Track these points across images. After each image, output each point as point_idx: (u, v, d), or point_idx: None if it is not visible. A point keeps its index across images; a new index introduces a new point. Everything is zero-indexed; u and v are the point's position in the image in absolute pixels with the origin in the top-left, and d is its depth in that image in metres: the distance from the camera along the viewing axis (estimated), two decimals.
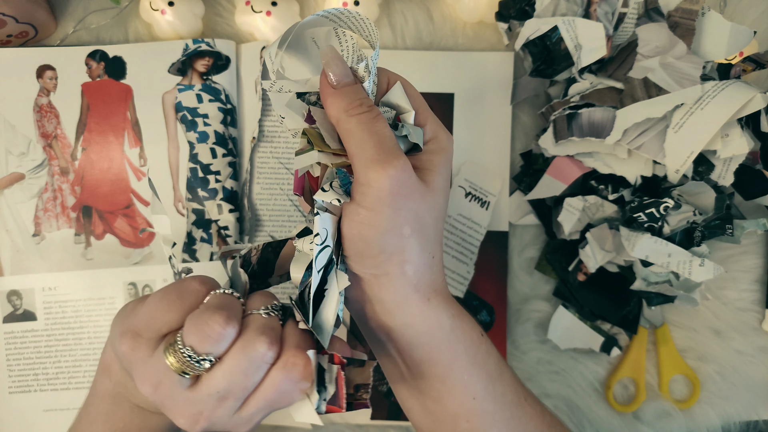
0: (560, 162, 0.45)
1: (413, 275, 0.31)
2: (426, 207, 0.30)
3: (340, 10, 0.30)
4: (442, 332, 0.32)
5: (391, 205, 0.28)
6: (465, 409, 0.32)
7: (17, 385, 0.48)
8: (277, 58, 0.30)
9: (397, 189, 0.28)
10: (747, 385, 0.49)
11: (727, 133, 0.40)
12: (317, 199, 0.29)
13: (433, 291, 0.32)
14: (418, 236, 0.30)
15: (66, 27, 0.51)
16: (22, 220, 0.48)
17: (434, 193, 0.30)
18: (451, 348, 0.32)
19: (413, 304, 0.31)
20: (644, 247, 0.41)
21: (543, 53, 0.45)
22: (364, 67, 0.30)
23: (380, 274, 0.30)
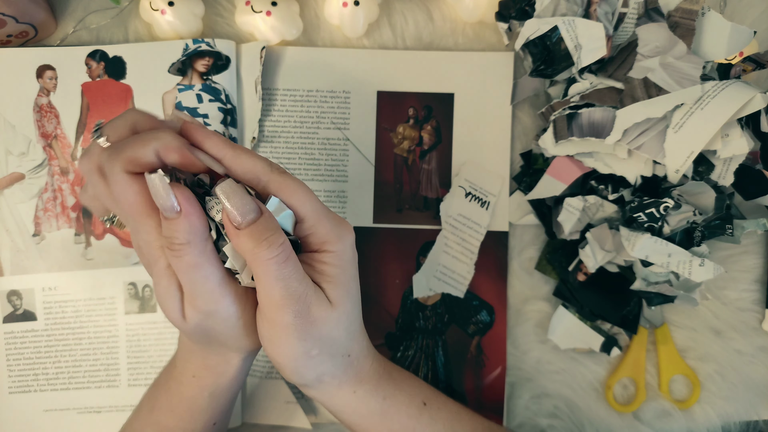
0: (560, 162, 0.45)
1: (331, 380, 0.34)
2: (332, 325, 0.32)
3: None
4: (373, 415, 0.36)
5: (297, 336, 0.30)
6: None
7: (17, 385, 0.48)
8: None
9: (300, 324, 0.30)
10: (747, 385, 0.49)
11: (727, 133, 0.40)
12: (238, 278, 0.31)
13: (357, 383, 0.35)
14: (327, 350, 0.32)
15: (66, 27, 0.51)
16: (22, 220, 0.48)
17: (338, 307, 0.32)
18: (386, 426, 0.36)
19: (339, 398, 0.35)
20: (644, 247, 0.41)
21: (543, 53, 0.45)
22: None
23: (300, 384, 0.34)
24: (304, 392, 0.36)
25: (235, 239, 0.29)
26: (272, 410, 0.48)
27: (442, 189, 0.49)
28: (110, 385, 0.48)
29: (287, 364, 0.32)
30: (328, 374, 0.34)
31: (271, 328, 0.31)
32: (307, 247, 0.32)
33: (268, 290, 0.29)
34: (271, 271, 0.29)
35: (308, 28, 0.50)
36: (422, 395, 0.38)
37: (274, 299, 0.29)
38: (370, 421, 0.36)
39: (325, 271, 0.32)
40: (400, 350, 0.49)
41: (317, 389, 0.35)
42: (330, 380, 0.34)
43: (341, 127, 0.50)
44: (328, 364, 0.33)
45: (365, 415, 0.36)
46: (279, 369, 0.33)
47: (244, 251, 0.29)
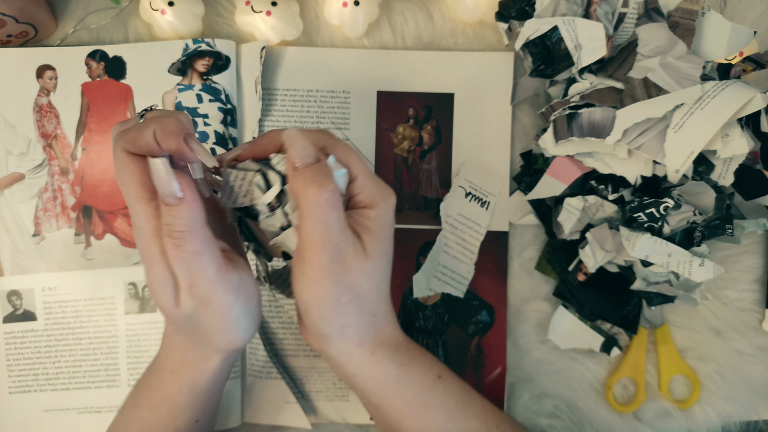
0: (560, 162, 0.45)
1: (354, 334, 0.34)
2: (364, 276, 0.33)
3: None
4: (389, 381, 0.35)
5: (330, 279, 0.32)
6: None
7: (17, 385, 0.48)
8: None
9: (335, 268, 0.31)
10: (747, 385, 0.49)
11: (727, 133, 0.40)
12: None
13: (377, 345, 0.35)
14: (356, 301, 0.33)
15: (66, 27, 0.51)
16: (22, 220, 0.48)
17: (373, 260, 0.33)
18: (400, 394, 0.36)
19: (358, 358, 0.35)
20: (644, 247, 0.41)
21: (543, 53, 0.45)
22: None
23: (323, 335, 0.34)
24: (323, 352, 0.35)
25: (293, 180, 0.31)
26: (272, 410, 0.48)
27: (442, 189, 0.49)
28: (110, 385, 0.48)
29: (317, 306, 0.33)
30: (353, 327, 0.34)
31: (307, 268, 0.32)
32: (354, 206, 0.34)
33: (309, 230, 0.31)
34: (318, 212, 0.30)
35: (308, 28, 0.50)
36: (437, 369, 0.37)
37: (313, 240, 0.31)
38: (384, 387, 0.35)
39: (366, 225, 0.33)
40: None
41: (337, 345, 0.34)
42: (352, 335, 0.34)
43: (341, 127, 0.50)
44: (354, 316, 0.34)
45: (381, 380, 0.35)
46: (306, 314, 0.33)
47: (297, 190, 0.31)
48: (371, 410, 0.38)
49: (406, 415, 0.36)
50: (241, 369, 0.48)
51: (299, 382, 0.49)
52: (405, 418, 0.36)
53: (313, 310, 0.33)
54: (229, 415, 0.48)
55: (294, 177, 0.31)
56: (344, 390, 0.49)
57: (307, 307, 0.33)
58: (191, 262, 0.30)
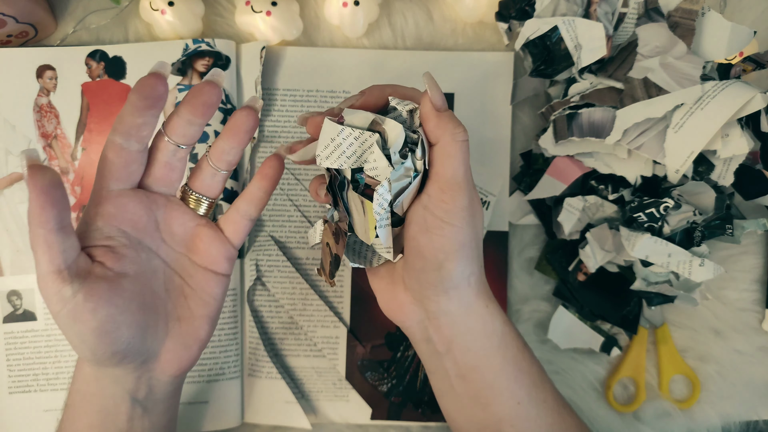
0: (560, 162, 0.45)
1: (475, 284, 0.34)
2: (482, 223, 0.34)
3: None
4: (495, 337, 0.34)
5: (469, 222, 0.32)
6: (510, 414, 0.34)
7: (17, 385, 0.48)
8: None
9: (471, 209, 0.32)
10: (747, 385, 0.49)
11: (727, 133, 0.40)
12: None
13: (488, 298, 0.35)
14: (478, 248, 0.33)
15: (66, 27, 0.51)
16: (22, 220, 0.48)
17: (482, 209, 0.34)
18: (501, 353, 0.35)
19: (475, 310, 0.34)
20: (644, 247, 0.41)
21: (543, 53, 0.45)
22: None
23: (450, 287, 0.33)
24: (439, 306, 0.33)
25: (436, 120, 0.31)
26: (272, 410, 0.48)
27: None
28: None
29: (456, 252, 0.32)
30: (475, 276, 0.34)
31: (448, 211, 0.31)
32: None
33: (456, 170, 0.31)
34: (463, 152, 0.31)
35: (308, 28, 0.50)
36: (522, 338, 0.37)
37: (457, 180, 0.31)
38: (489, 344, 0.34)
39: None
40: (400, 350, 0.49)
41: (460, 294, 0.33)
42: (474, 284, 0.34)
43: None
44: (476, 264, 0.34)
45: (488, 335, 0.34)
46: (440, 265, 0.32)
47: (443, 132, 0.31)
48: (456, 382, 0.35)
49: (502, 376, 0.34)
50: (241, 369, 0.48)
51: (299, 382, 0.49)
52: (499, 380, 0.34)
53: (453, 257, 0.32)
54: (229, 415, 0.48)
55: (440, 117, 0.31)
56: (344, 390, 0.49)
57: (446, 255, 0.32)
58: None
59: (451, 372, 0.35)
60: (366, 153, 0.31)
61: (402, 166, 0.31)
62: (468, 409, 0.35)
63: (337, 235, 0.32)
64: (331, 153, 0.30)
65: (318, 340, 0.49)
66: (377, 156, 0.30)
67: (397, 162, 0.31)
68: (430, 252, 0.32)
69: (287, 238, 0.49)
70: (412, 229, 0.32)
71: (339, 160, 0.30)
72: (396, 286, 0.35)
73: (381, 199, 0.30)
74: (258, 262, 0.49)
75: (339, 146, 0.30)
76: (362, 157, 0.31)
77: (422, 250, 0.32)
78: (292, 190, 0.49)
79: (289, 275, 0.49)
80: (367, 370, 0.49)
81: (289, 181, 0.49)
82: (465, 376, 0.35)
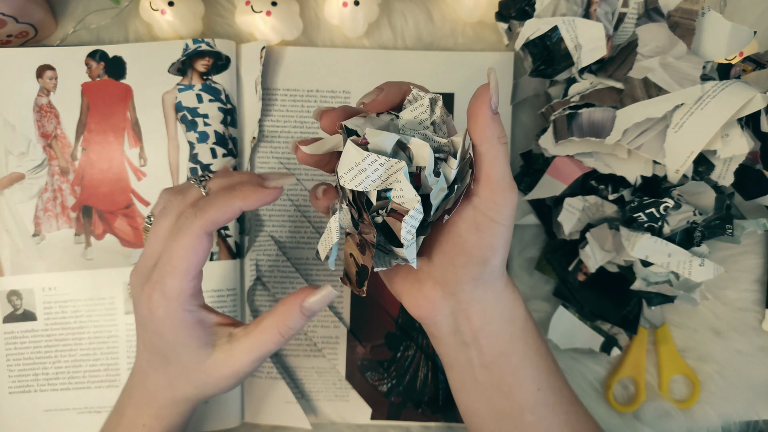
0: (560, 162, 0.45)
1: (505, 275, 0.36)
2: None
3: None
4: (519, 322, 0.36)
5: (513, 221, 0.33)
6: (531, 401, 0.36)
7: (17, 385, 0.48)
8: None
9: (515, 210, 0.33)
10: (747, 385, 0.49)
11: (727, 133, 0.40)
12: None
13: (513, 286, 0.37)
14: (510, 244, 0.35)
15: (66, 27, 0.51)
16: (22, 220, 0.48)
17: None
18: (524, 338, 0.36)
19: (505, 298, 0.36)
20: (644, 247, 0.41)
21: (543, 53, 0.45)
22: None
23: (488, 280, 0.34)
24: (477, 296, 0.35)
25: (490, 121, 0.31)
26: (272, 410, 0.48)
27: None
28: (110, 385, 0.48)
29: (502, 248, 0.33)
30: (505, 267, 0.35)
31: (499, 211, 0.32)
32: None
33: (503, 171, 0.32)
34: (507, 155, 0.32)
35: (308, 28, 0.50)
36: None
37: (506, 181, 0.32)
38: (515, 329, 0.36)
39: None
40: (400, 350, 0.49)
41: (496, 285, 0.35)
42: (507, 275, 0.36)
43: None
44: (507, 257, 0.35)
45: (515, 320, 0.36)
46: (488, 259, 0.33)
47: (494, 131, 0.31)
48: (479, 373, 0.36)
49: (526, 361, 0.36)
50: None
51: (299, 382, 0.49)
52: (523, 366, 0.36)
53: (499, 253, 0.33)
54: (229, 415, 0.48)
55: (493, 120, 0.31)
56: (344, 390, 0.49)
57: (494, 251, 0.33)
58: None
59: (476, 361, 0.36)
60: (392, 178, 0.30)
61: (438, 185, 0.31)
62: (490, 399, 0.36)
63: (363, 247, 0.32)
64: (355, 176, 0.30)
65: (318, 340, 0.49)
66: (404, 186, 0.30)
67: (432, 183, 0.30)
68: (478, 249, 0.33)
69: (287, 238, 0.49)
70: (460, 227, 0.33)
71: (364, 184, 0.30)
72: (423, 284, 0.36)
73: (408, 226, 0.30)
74: (258, 262, 0.49)
75: (364, 171, 0.30)
76: (388, 181, 0.30)
77: (470, 248, 0.33)
78: (292, 191, 0.49)
79: (289, 275, 0.49)
80: (367, 370, 0.49)
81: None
82: (489, 364, 0.36)
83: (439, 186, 0.31)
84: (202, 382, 0.35)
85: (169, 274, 0.34)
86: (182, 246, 0.33)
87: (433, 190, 0.30)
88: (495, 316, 0.35)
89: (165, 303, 0.34)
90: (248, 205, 0.34)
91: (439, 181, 0.30)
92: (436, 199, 0.31)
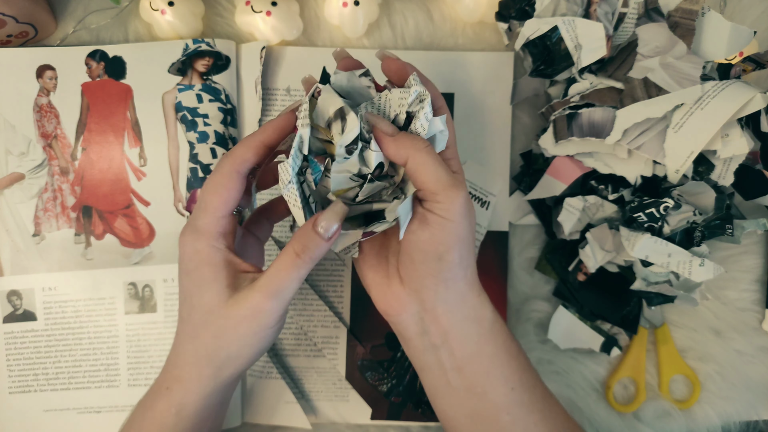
0: (560, 162, 0.45)
1: (470, 276, 0.36)
2: (474, 219, 0.35)
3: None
4: (487, 323, 0.36)
5: (466, 217, 0.34)
6: (506, 401, 0.36)
7: (17, 385, 0.48)
8: None
9: (467, 205, 0.34)
10: (747, 385, 0.49)
11: (727, 133, 0.40)
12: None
13: (479, 288, 0.37)
14: (473, 242, 0.36)
15: (66, 27, 0.51)
16: (22, 220, 0.48)
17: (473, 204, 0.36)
18: (494, 339, 0.36)
19: (470, 299, 0.36)
20: (644, 247, 0.41)
21: (543, 53, 0.45)
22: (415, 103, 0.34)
23: (449, 278, 0.35)
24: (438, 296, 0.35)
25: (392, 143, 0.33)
26: (272, 410, 0.48)
27: None
28: (110, 385, 0.48)
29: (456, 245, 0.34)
30: (471, 268, 0.36)
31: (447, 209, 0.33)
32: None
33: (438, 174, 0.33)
34: (434, 155, 0.33)
35: (308, 28, 0.50)
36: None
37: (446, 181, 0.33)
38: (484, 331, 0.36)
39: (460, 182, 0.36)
40: (400, 350, 0.49)
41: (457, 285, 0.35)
42: (470, 276, 0.36)
43: None
44: (473, 259, 0.36)
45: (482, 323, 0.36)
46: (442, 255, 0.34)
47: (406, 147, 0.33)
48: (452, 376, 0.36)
49: (496, 362, 0.36)
50: None
51: (299, 382, 0.49)
52: (494, 367, 0.36)
53: (454, 250, 0.34)
54: (229, 415, 0.48)
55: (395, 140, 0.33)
56: (344, 390, 0.49)
57: (447, 248, 0.34)
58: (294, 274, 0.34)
59: (447, 365, 0.36)
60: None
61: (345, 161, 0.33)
62: (464, 402, 0.36)
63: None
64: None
65: (318, 340, 0.49)
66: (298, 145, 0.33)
67: (340, 155, 0.33)
68: (431, 245, 0.34)
69: (287, 239, 0.49)
70: (413, 224, 0.34)
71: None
72: (391, 279, 0.36)
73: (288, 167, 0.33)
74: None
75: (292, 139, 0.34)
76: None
77: (423, 244, 0.34)
78: None
79: None
80: (367, 370, 0.49)
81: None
82: (461, 367, 0.36)
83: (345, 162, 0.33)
84: (221, 329, 0.34)
85: (201, 211, 0.35)
86: (213, 183, 0.35)
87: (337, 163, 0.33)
88: (461, 317, 0.36)
89: (194, 238, 0.35)
90: (267, 137, 0.35)
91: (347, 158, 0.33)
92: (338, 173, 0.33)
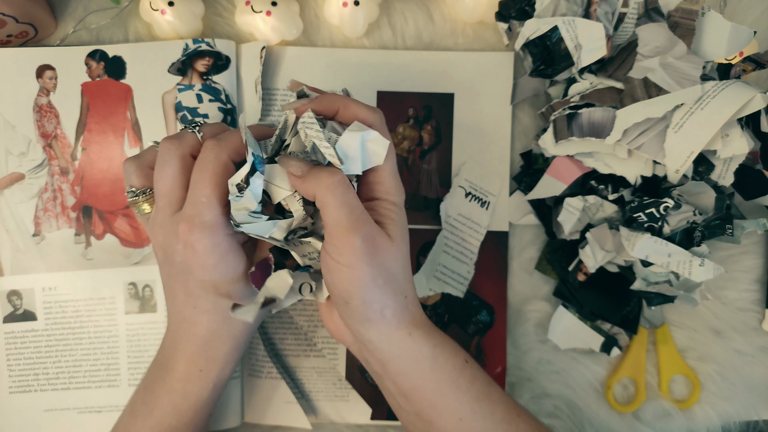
0: (560, 162, 0.45)
1: (392, 317, 0.35)
2: (393, 258, 0.34)
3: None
4: (425, 361, 0.36)
5: (365, 261, 0.33)
6: (455, 430, 0.36)
7: (17, 385, 0.48)
8: None
9: (368, 249, 0.33)
10: (747, 385, 0.49)
11: (727, 133, 0.40)
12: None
13: (413, 326, 0.36)
14: (391, 283, 0.34)
15: (66, 27, 0.51)
16: (22, 220, 0.48)
17: (397, 243, 0.35)
18: (434, 375, 0.36)
19: (397, 340, 0.35)
20: (644, 247, 0.41)
21: (543, 53, 0.45)
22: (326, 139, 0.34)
23: (364, 320, 0.34)
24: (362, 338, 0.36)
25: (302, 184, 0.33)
26: (272, 410, 0.48)
27: (442, 189, 0.49)
28: (110, 385, 0.48)
29: (356, 291, 0.33)
30: (390, 309, 0.35)
31: (341, 255, 0.32)
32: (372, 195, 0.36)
33: (336, 215, 0.32)
34: (338, 194, 0.32)
35: (308, 28, 0.50)
36: (463, 354, 0.38)
37: (342, 223, 0.32)
38: (420, 368, 0.36)
39: (387, 214, 0.35)
40: None
41: (378, 328, 0.35)
42: (391, 317, 0.35)
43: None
44: (391, 299, 0.35)
45: (418, 360, 0.36)
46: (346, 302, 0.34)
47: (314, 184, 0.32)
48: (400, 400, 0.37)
49: (440, 396, 0.36)
50: (241, 369, 0.48)
51: (299, 382, 0.49)
52: (438, 400, 0.36)
53: (355, 296, 0.33)
54: (229, 415, 0.48)
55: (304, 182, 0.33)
56: (344, 390, 0.49)
57: (348, 294, 0.33)
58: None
59: (393, 390, 0.37)
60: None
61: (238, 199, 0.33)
62: (416, 424, 0.37)
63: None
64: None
65: (318, 340, 0.49)
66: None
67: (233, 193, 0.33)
68: (335, 290, 0.34)
69: None
70: (324, 269, 0.34)
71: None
72: (333, 310, 0.38)
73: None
74: None
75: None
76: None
77: (330, 287, 0.34)
78: None
79: None
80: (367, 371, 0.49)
81: None
82: (406, 395, 0.36)
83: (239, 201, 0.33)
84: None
85: (205, 206, 0.33)
86: (214, 174, 0.34)
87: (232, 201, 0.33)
88: (391, 356, 0.36)
89: (207, 233, 0.34)
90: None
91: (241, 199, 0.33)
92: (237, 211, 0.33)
